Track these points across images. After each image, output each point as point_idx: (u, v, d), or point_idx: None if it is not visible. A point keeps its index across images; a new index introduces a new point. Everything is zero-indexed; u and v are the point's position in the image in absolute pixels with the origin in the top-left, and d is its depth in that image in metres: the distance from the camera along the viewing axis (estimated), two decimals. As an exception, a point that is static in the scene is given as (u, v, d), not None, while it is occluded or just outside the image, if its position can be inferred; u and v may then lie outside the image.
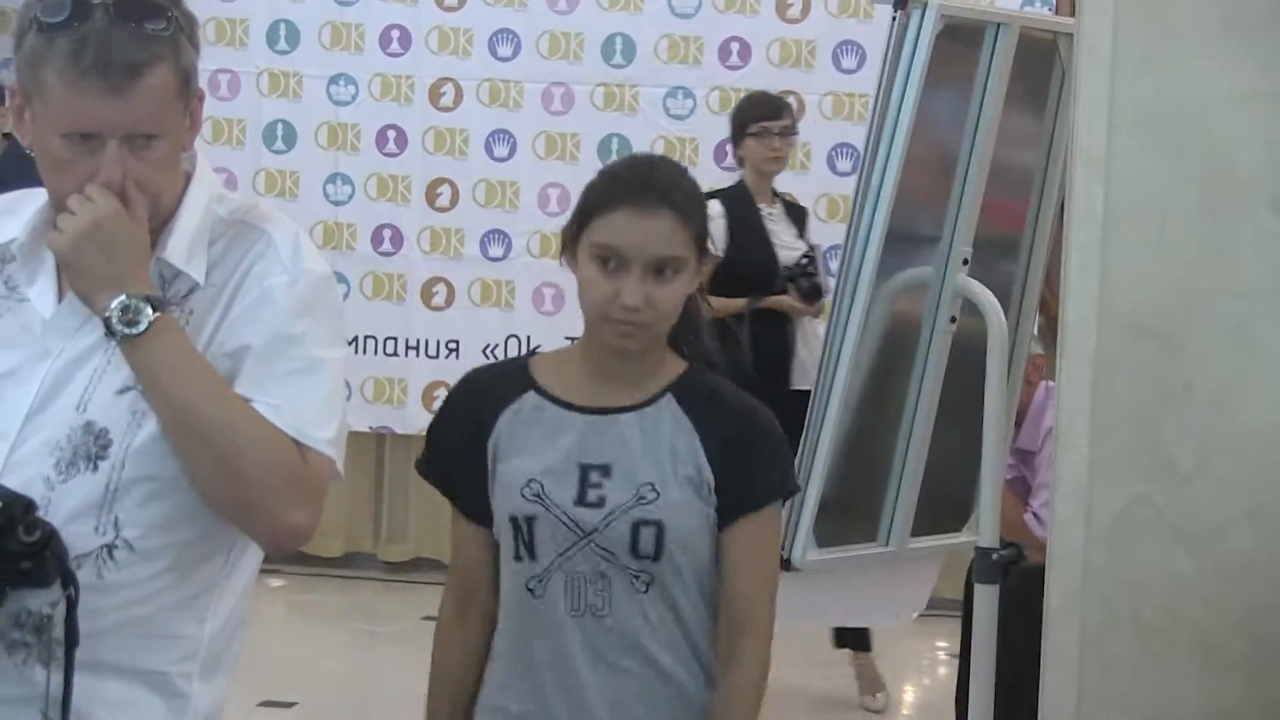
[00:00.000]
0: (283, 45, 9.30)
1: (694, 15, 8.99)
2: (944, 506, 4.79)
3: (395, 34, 9.23)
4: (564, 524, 3.11)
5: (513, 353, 9.08)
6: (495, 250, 9.16)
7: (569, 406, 3.19)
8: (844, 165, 8.67)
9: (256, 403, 2.63)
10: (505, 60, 9.16)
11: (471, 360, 9.11)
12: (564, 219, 9.38)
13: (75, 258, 2.58)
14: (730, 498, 3.14)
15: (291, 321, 2.67)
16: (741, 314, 7.15)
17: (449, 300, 9.21)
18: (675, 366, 3.24)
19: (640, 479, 3.12)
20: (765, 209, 7.42)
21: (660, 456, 3.14)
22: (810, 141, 8.82)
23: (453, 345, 9.19)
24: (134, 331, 2.56)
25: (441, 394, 9.13)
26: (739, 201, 7.38)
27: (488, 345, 9.12)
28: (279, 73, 9.30)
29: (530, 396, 3.21)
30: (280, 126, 9.32)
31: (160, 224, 2.69)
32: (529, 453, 3.17)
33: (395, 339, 9.09)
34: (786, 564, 4.49)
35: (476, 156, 9.17)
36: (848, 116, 8.62)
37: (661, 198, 3.10)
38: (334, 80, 9.29)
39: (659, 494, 3.10)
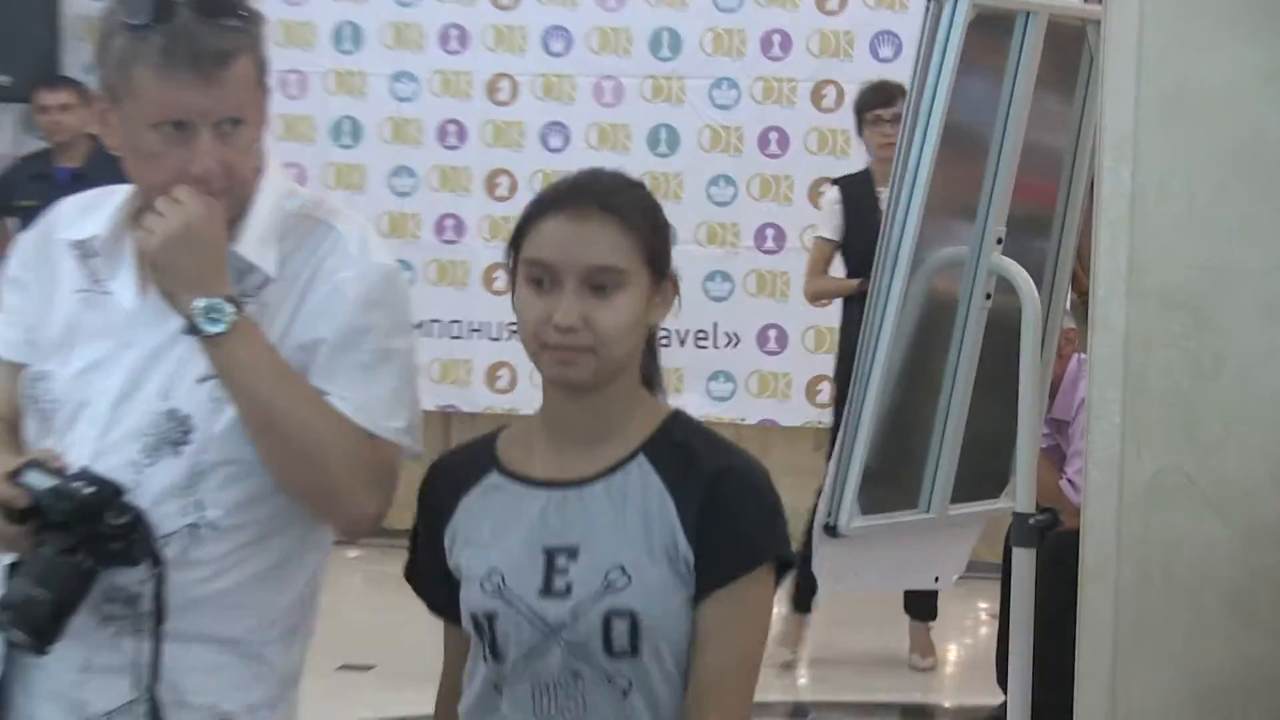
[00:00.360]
0: (347, 45, 9.33)
1: (737, 9, 8.99)
2: (982, 474, 4.76)
3: (454, 32, 9.25)
4: (527, 620, 2.54)
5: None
6: (552, 236, 9.13)
7: (529, 482, 2.62)
8: (882, 150, 8.65)
9: (330, 396, 2.64)
10: (558, 56, 9.17)
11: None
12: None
13: (163, 258, 2.58)
14: (703, 568, 2.55)
15: (361, 315, 2.69)
16: (852, 295, 7.20)
17: (509, 285, 9.19)
18: (652, 417, 2.66)
19: (609, 561, 2.54)
20: (886, 193, 7.44)
21: (632, 530, 2.56)
22: (849, 128, 8.78)
23: (514, 327, 9.09)
24: (216, 331, 2.57)
25: (504, 374, 9.20)
26: (858, 187, 7.46)
27: (546, 327, 9.10)
28: (344, 71, 9.33)
29: (491, 477, 2.65)
30: (347, 122, 9.35)
31: (234, 218, 2.70)
32: (488, 541, 2.61)
33: (459, 322, 9.11)
34: (833, 530, 4.48)
35: (533, 148, 9.19)
36: (885, 104, 8.59)
37: (597, 202, 2.56)
38: (396, 77, 9.31)
39: (630, 578, 2.52)
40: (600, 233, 2.54)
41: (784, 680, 7.29)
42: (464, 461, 2.72)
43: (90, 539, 2.54)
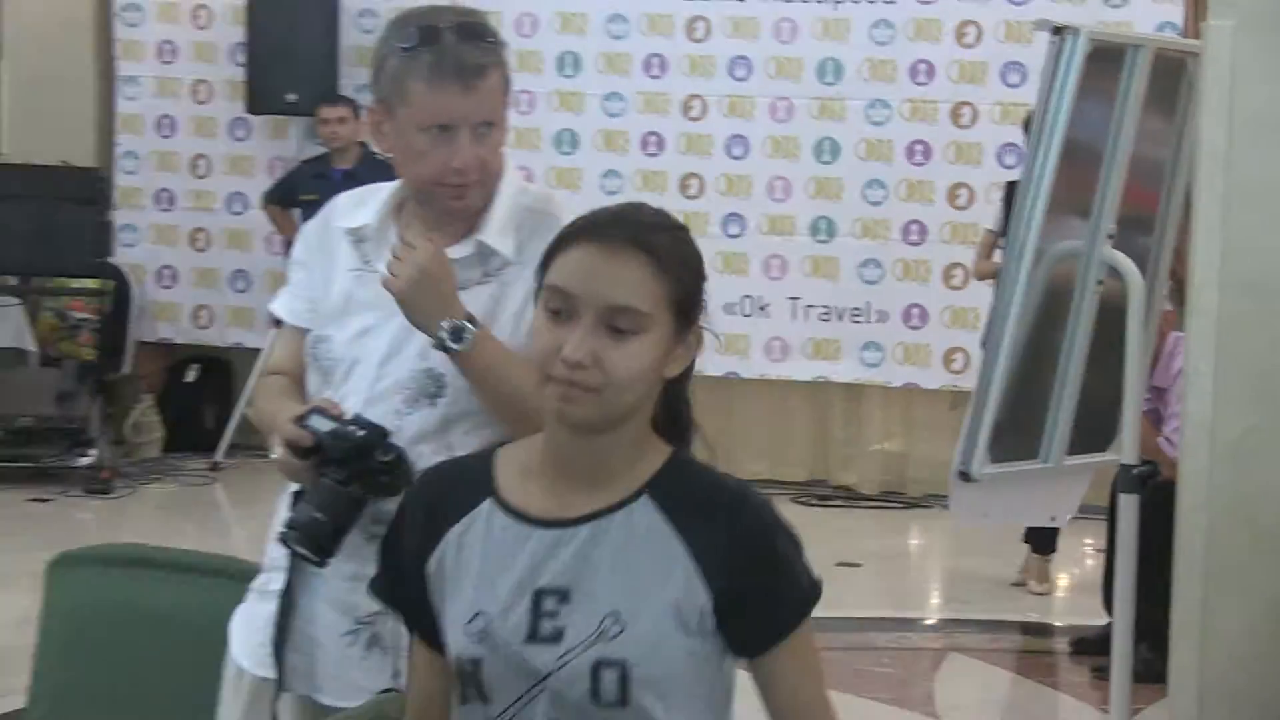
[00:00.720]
0: (568, 70, 9.35)
1: (890, 43, 8.90)
2: (1093, 431, 4.70)
3: (655, 60, 9.24)
4: (513, 668, 2.04)
5: (746, 311, 9.06)
6: (733, 229, 9.13)
7: (525, 519, 2.10)
8: (1009, 160, 8.53)
9: None
10: (741, 80, 9.13)
11: (714, 316, 9.07)
12: (787, 205, 9.38)
13: (408, 297, 2.59)
14: (751, 626, 2.06)
15: None
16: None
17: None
18: (655, 457, 2.12)
19: (603, 607, 2.02)
20: None
21: (632, 576, 2.04)
22: (983, 141, 8.74)
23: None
24: (460, 347, 2.58)
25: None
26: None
27: (727, 304, 9.08)
28: (566, 92, 9.35)
29: (485, 507, 2.13)
30: (566, 134, 9.37)
31: (481, 208, 2.71)
32: (476, 580, 2.10)
33: (657, 299, 9.08)
34: (966, 476, 4.44)
35: (719, 156, 9.16)
36: (1013, 121, 8.46)
37: (630, 237, 2.05)
38: (608, 97, 9.31)
39: (625, 626, 2.01)
40: (626, 271, 2.03)
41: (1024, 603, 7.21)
42: (457, 483, 2.19)
43: (361, 473, 2.57)
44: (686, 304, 2.09)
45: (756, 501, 2.09)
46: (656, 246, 2.05)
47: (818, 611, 2.09)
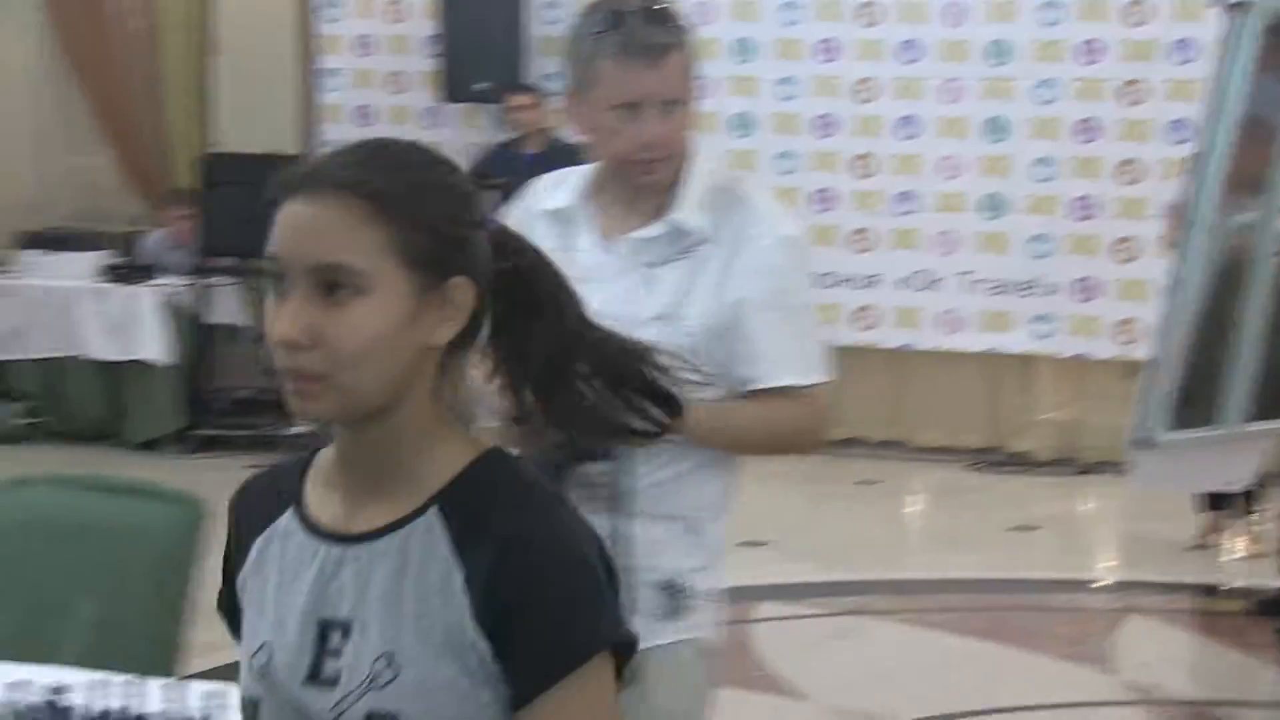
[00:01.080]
0: (743, 56, 9.31)
1: (1057, 23, 8.76)
2: (1272, 397, 4.59)
3: (827, 45, 9.17)
4: (289, 714, 1.65)
5: (919, 285, 8.98)
6: (905, 206, 9.05)
7: (316, 531, 1.69)
8: (1178, 136, 8.33)
9: (758, 358, 2.69)
10: (912, 62, 9.04)
11: (887, 291, 9.03)
12: (957, 183, 9.20)
13: None
14: (515, 670, 1.60)
15: (781, 278, 2.70)
16: None
17: (872, 244, 9.13)
18: (457, 458, 1.66)
19: (376, 646, 1.62)
20: None
21: (408, 607, 1.61)
22: (1153, 118, 8.56)
23: (874, 278, 9.11)
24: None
25: (869, 315, 9.10)
26: None
27: (900, 278, 9.03)
28: (741, 77, 9.31)
29: (285, 517, 1.72)
30: (741, 118, 9.33)
31: (671, 184, 2.73)
32: (268, 604, 1.70)
33: (831, 274, 9.01)
34: (1146, 442, 4.36)
35: (889, 137, 9.08)
36: (1183, 97, 8.26)
37: (337, 182, 1.61)
38: (781, 81, 9.27)
39: (397, 671, 1.60)
40: (334, 222, 1.59)
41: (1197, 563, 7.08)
42: (270, 488, 1.78)
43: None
44: (427, 252, 1.62)
45: (545, 530, 1.62)
46: (369, 188, 1.61)
47: (997, 573, 2.02)
